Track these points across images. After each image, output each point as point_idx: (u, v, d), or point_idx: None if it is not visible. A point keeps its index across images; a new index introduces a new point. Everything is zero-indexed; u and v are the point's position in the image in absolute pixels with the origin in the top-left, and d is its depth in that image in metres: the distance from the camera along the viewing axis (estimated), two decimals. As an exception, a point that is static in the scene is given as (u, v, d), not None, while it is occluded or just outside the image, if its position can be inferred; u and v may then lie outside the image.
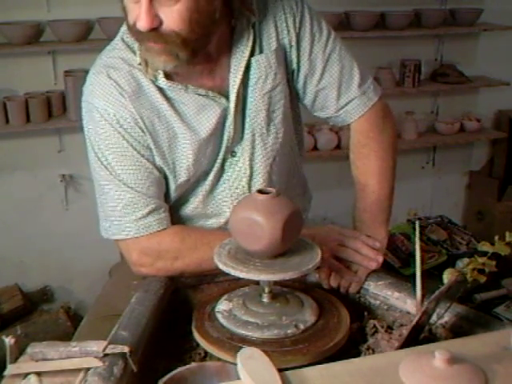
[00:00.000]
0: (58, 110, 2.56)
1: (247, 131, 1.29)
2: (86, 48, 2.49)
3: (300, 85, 1.34)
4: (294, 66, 1.32)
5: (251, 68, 1.26)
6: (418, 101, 3.16)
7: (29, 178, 2.67)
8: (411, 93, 3.04)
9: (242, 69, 1.24)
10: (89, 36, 2.55)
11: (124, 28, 1.24)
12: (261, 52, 1.26)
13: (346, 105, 1.35)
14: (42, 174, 2.68)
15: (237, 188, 1.32)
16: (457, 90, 3.12)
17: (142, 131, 1.21)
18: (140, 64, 1.20)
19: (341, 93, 1.34)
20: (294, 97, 1.37)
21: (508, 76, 3.11)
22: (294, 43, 1.29)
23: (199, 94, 1.23)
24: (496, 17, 3.02)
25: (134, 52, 1.21)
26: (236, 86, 1.24)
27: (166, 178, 1.27)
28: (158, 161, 1.24)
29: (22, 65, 2.52)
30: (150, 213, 1.23)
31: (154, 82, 1.21)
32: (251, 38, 1.24)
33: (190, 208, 1.34)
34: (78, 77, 2.45)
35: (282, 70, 1.29)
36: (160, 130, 1.23)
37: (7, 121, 2.47)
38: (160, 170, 1.25)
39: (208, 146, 1.26)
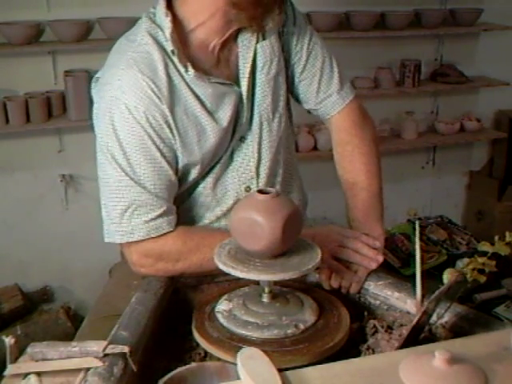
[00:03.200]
0: (58, 110, 2.55)
1: (255, 117, 1.32)
2: (86, 48, 2.49)
3: (288, 74, 1.38)
4: (285, 54, 1.35)
5: (257, 54, 1.29)
6: (418, 101, 3.16)
7: (29, 178, 2.66)
8: (411, 93, 3.04)
9: (251, 55, 1.27)
10: (89, 36, 2.55)
11: (146, 24, 1.22)
12: (264, 38, 1.29)
13: (324, 99, 1.39)
14: (42, 174, 2.67)
15: (244, 173, 1.33)
16: (457, 90, 3.12)
17: (171, 131, 1.21)
18: (173, 52, 1.19)
19: (320, 87, 1.38)
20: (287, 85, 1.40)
21: (508, 76, 3.11)
22: (284, 33, 1.34)
23: (219, 83, 1.24)
24: (496, 17, 3.02)
25: (161, 46, 1.20)
26: (247, 73, 1.27)
27: (188, 170, 1.26)
28: (182, 160, 1.24)
29: (22, 65, 2.52)
30: (162, 215, 1.22)
31: (185, 72, 1.20)
32: None
33: (199, 192, 1.33)
34: (78, 77, 2.46)
35: (281, 55, 1.33)
36: (189, 127, 1.23)
37: (7, 121, 2.46)
38: (177, 172, 1.25)
39: (228, 134, 1.28)
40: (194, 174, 1.28)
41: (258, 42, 1.28)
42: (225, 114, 1.26)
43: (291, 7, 1.35)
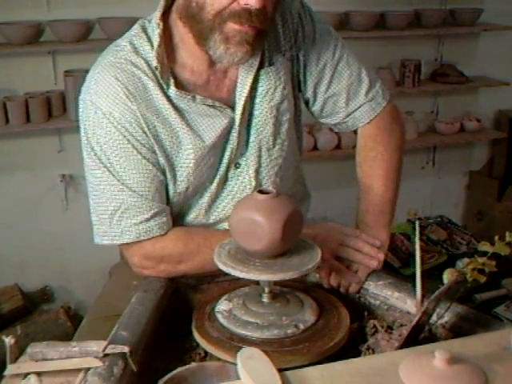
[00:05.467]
0: (57, 110, 2.56)
1: (252, 143, 1.28)
2: (86, 48, 2.49)
3: (309, 94, 1.34)
4: (301, 76, 1.31)
5: (260, 80, 1.25)
6: (418, 101, 3.16)
7: (29, 178, 2.67)
8: (411, 93, 3.04)
9: (250, 81, 1.23)
10: (89, 36, 2.55)
11: (134, 31, 1.22)
12: (270, 64, 1.25)
13: (354, 111, 1.35)
14: (42, 174, 2.67)
15: (239, 200, 1.30)
16: (457, 89, 3.12)
17: (146, 135, 1.19)
18: (156, 68, 1.17)
19: (350, 99, 1.34)
20: (298, 108, 1.37)
21: (508, 76, 3.11)
22: (300, 53, 1.29)
23: (206, 105, 1.21)
24: (496, 17, 3.02)
25: (142, 57, 1.19)
26: (243, 98, 1.23)
27: (166, 184, 1.25)
28: (162, 164, 1.22)
29: (22, 65, 2.52)
30: (152, 217, 1.21)
31: (165, 88, 1.18)
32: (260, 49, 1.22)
33: (192, 218, 1.31)
34: (78, 77, 2.45)
35: (289, 81, 1.29)
36: (162, 136, 1.20)
37: (7, 121, 2.46)
38: (164, 173, 1.23)
39: (210, 154, 1.24)
40: (171, 189, 1.25)
41: (263, 67, 1.24)
42: (209, 133, 1.22)
43: (312, 23, 1.29)
